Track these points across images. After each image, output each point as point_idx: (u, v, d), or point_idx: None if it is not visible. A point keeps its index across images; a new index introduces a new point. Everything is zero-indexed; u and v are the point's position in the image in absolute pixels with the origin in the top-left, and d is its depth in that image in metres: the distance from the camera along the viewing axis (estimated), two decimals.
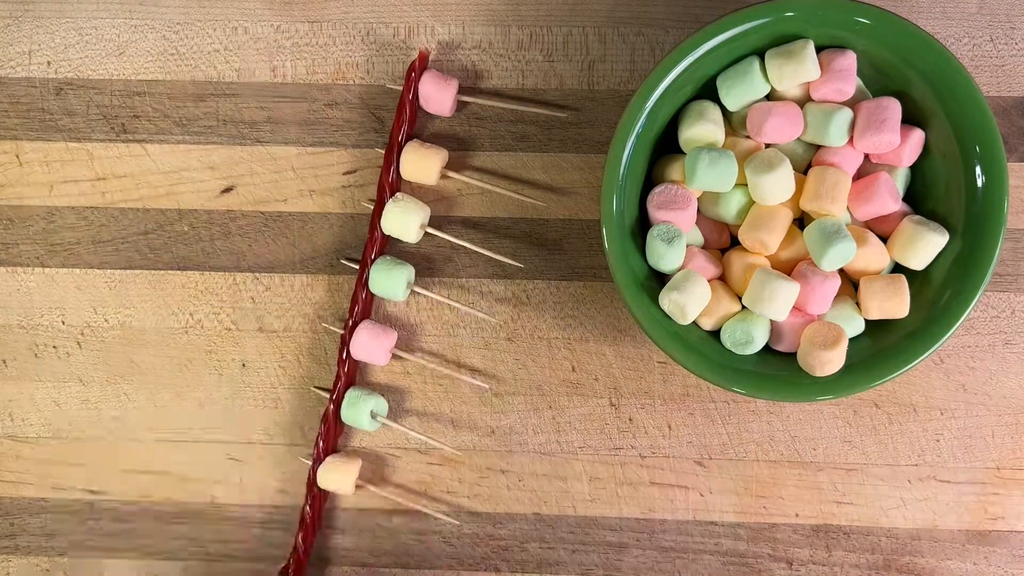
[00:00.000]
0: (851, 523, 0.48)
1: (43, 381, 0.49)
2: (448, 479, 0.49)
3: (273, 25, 0.48)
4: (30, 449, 0.49)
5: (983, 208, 0.40)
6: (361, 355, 0.47)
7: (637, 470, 0.48)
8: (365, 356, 0.47)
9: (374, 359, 0.47)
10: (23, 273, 0.49)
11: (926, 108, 0.41)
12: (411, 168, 0.46)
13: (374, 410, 0.47)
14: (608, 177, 0.41)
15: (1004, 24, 0.47)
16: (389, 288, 0.46)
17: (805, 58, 0.40)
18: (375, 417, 0.47)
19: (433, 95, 0.46)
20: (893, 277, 0.41)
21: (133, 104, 0.48)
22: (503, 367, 0.48)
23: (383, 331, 0.47)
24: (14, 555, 0.49)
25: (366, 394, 0.47)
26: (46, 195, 0.49)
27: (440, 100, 0.46)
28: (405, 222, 0.46)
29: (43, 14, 0.48)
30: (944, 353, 0.48)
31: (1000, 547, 0.48)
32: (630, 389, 0.48)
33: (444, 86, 0.46)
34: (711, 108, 0.42)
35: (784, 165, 0.40)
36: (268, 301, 0.48)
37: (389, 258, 0.47)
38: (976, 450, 0.48)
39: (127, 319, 0.49)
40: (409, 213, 0.46)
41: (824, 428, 0.48)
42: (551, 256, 0.48)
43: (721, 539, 0.48)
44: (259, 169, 0.48)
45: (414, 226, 0.46)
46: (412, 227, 0.46)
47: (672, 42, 0.47)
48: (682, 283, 0.41)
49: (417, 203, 0.46)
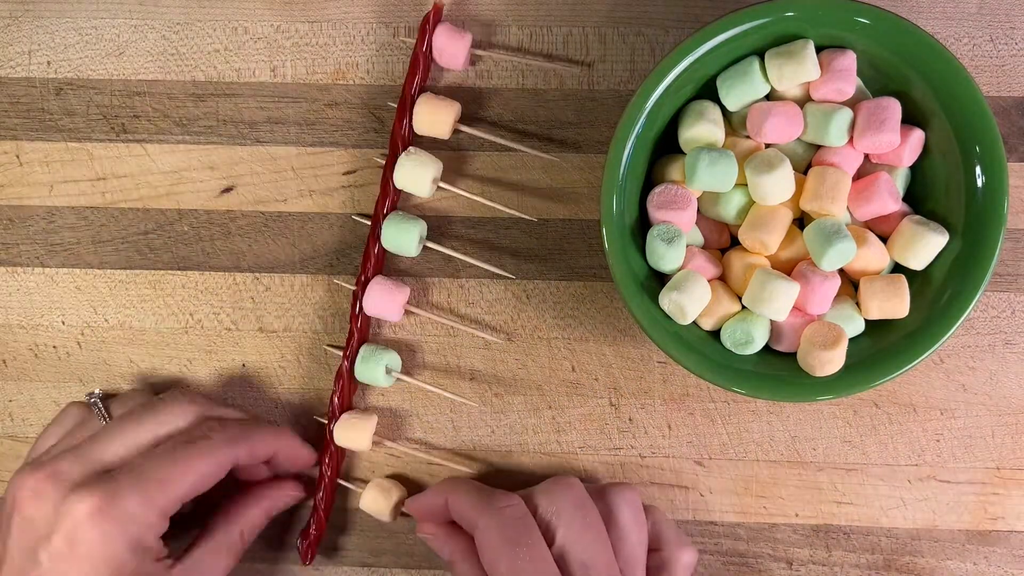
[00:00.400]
0: (851, 523, 0.48)
1: (43, 381, 0.49)
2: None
3: (273, 25, 0.48)
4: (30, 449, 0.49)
5: (983, 208, 0.40)
6: (374, 311, 0.46)
7: (637, 470, 0.48)
8: (378, 312, 0.46)
9: (387, 315, 0.46)
10: (23, 273, 0.49)
11: (926, 108, 0.41)
12: (424, 120, 0.46)
13: (388, 365, 0.46)
14: (608, 177, 0.41)
15: (1004, 24, 0.47)
16: (402, 243, 0.46)
17: (805, 58, 0.40)
18: (390, 373, 0.47)
19: (447, 47, 0.45)
20: (893, 277, 0.41)
21: (133, 104, 0.48)
22: (503, 367, 0.48)
23: (396, 287, 0.46)
24: None
25: (380, 350, 0.46)
26: (46, 195, 0.49)
27: (453, 52, 0.45)
28: (418, 175, 0.45)
29: (43, 14, 0.48)
30: (944, 353, 0.48)
31: (1000, 547, 0.48)
32: (630, 389, 0.48)
33: (458, 37, 0.45)
34: (711, 108, 0.42)
35: (784, 165, 0.40)
36: (268, 301, 0.48)
37: (401, 213, 0.46)
38: (976, 450, 0.48)
39: (127, 319, 0.49)
40: (423, 166, 0.45)
41: (824, 428, 0.48)
42: (551, 256, 0.48)
43: (721, 539, 0.48)
44: (259, 169, 0.48)
45: (427, 180, 0.45)
46: (425, 181, 0.45)
47: (672, 42, 0.47)
48: (682, 283, 0.41)
49: (430, 157, 0.46)
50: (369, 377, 0.46)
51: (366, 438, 0.46)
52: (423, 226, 0.46)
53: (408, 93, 0.46)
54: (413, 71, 0.46)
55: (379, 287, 0.46)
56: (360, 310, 0.46)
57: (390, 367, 0.47)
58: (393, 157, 0.46)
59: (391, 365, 0.47)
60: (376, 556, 0.49)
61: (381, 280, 0.46)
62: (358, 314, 0.46)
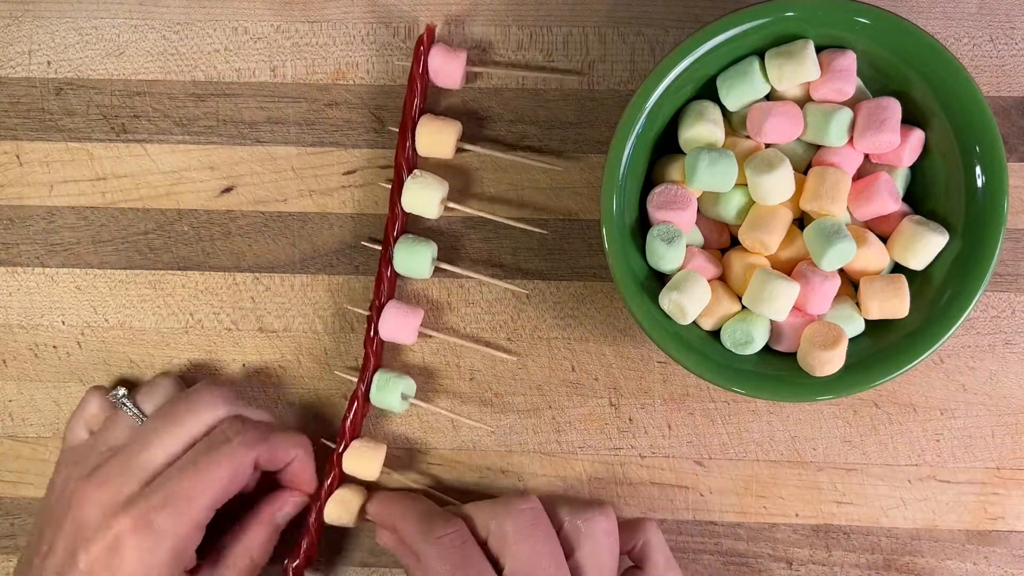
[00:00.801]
0: (851, 523, 0.48)
1: (43, 381, 0.49)
2: (448, 479, 0.49)
3: (273, 25, 0.48)
4: (30, 449, 0.49)
5: (983, 208, 0.40)
6: (389, 335, 0.46)
7: (637, 470, 0.48)
8: (393, 336, 0.46)
9: (402, 339, 0.46)
10: (23, 273, 0.49)
11: (926, 108, 0.41)
12: (427, 142, 0.46)
13: (404, 391, 0.46)
14: (608, 177, 0.41)
15: (1004, 24, 0.47)
16: (414, 266, 0.46)
17: (805, 58, 0.40)
18: (405, 399, 0.47)
19: (443, 68, 0.46)
20: (893, 277, 0.41)
21: (133, 104, 0.48)
22: (503, 367, 0.48)
23: (410, 310, 0.46)
24: (14, 555, 0.49)
25: (395, 376, 0.46)
26: (46, 195, 0.49)
27: (449, 72, 0.46)
28: (425, 197, 0.45)
29: (43, 14, 0.48)
30: (944, 353, 0.48)
31: (1000, 547, 0.48)
32: (630, 389, 0.48)
33: (453, 57, 0.45)
34: (711, 108, 0.42)
35: (784, 165, 0.40)
36: (268, 301, 0.48)
37: (412, 236, 0.46)
38: (976, 450, 0.48)
39: (127, 319, 0.49)
40: (429, 188, 0.45)
41: (824, 428, 0.48)
42: (551, 256, 0.48)
43: (721, 539, 0.48)
44: (259, 169, 0.48)
45: (435, 201, 0.45)
46: (433, 202, 0.45)
47: (672, 42, 0.47)
48: (682, 283, 0.41)
49: (436, 178, 0.46)
50: (384, 403, 0.46)
51: (375, 468, 0.46)
52: (434, 248, 0.46)
53: (408, 116, 0.46)
54: (411, 94, 0.46)
55: (394, 311, 0.46)
56: (375, 334, 0.46)
57: (405, 393, 0.47)
58: (399, 181, 0.46)
59: (406, 391, 0.47)
60: (376, 556, 0.49)
61: (395, 304, 0.46)
62: (373, 338, 0.46)
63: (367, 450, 0.46)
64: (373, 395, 0.46)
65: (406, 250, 0.46)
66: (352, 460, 0.46)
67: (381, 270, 0.46)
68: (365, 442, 0.47)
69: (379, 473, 0.46)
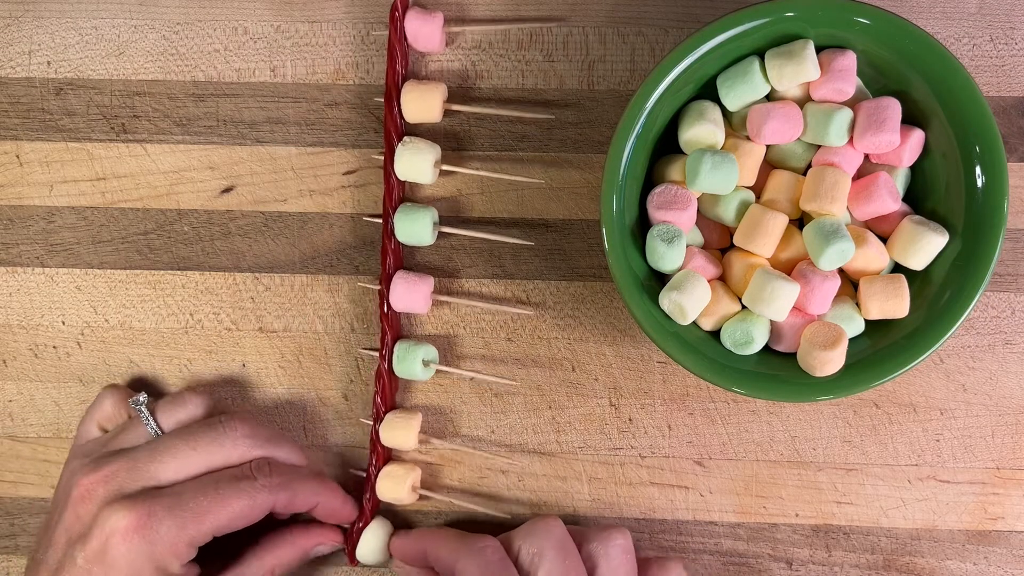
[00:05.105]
0: (851, 523, 0.48)
1: (43, 381, 0.49)
2: (448, 479, 0.49)
3: (273, 25, 0.48)
4: (30, 449, 0.49)
5: (983, 208, 0.40)
6: (401, 306, 0.46)
7: (637, 470, 0.48)
8: (406, 306, 0.46)
9: (415, 307, 0.46)
10: (23, 273, 0.49)
11: (926, 108, 0.41)
12: (413, 107, 0.45)
13: (425, 358, 0.46)
14: (608, 177, 0.41)
15: (1004, 24, 0.47)
16: (416, 233, 0.46)
17: (805, 58, 0.40)
18: (428, 365, 0.47)
19: (420, 30, 0.45)
20: (893, 277, 0.41)
21: (133, 104, 0.48)
22: (502, 367, 0.48)
23: (419, 278, 0.46)
24: (14, 555, 0.49)
25: (414, 344, 0.46)
26: (46, 195, 0.49)
27: (428, 34, 0.45)
28: (419, 162, 0.45)
29: (43, 14, 0.48)
30: (944, 353, 0.48)
31: (1000, 547, 0.48)
32: (630, 389, 0.48)
33: (429, 19, 0.45)
34: (711, 108, 0.42)
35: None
36: (268, 301, 0.48)
37: (410, 204, 0.46)
38: (976, 450, 0.48)
39: (127, 319, 0.49)
40: (421, 153, 0.45)
41: (824, 428, 0.48)
42: (551, 256, 0.48)
43: (721, 539, 0.48)
44: (259, 169, 0.48)
45: (428, 165, 0.45)
46: (427, 167, 0.45)
47: (672, 42, 0.47)
48: (682, 283, 0.41)
49: (427, 142, 0.45)
50: (408, 373, 0.46)
51: (412, 437, 0.46)
52: (434, 212, 0.46)
53: (391, 83, 0.46)
54: (392, 61, 0.46)
55: (403, 281, 0.46)
56: (388, 307, 0.46)
57: (427, 359, 0.47)
58: (390, 151, 0.46)
59: (428, 357, 0.47)
60: None
61: (403, 274, 0.46)
62: (387, 312, 0.47)
63: (402, 420, 0.47)
64: (396, 366, 0.46)
65: (406, 217, 0.46)
66: (389, 431, 0.46)
67: (384, 243, 0.46)
68: (398, 413, 0.47)
69: (416, 441, 0.47)
